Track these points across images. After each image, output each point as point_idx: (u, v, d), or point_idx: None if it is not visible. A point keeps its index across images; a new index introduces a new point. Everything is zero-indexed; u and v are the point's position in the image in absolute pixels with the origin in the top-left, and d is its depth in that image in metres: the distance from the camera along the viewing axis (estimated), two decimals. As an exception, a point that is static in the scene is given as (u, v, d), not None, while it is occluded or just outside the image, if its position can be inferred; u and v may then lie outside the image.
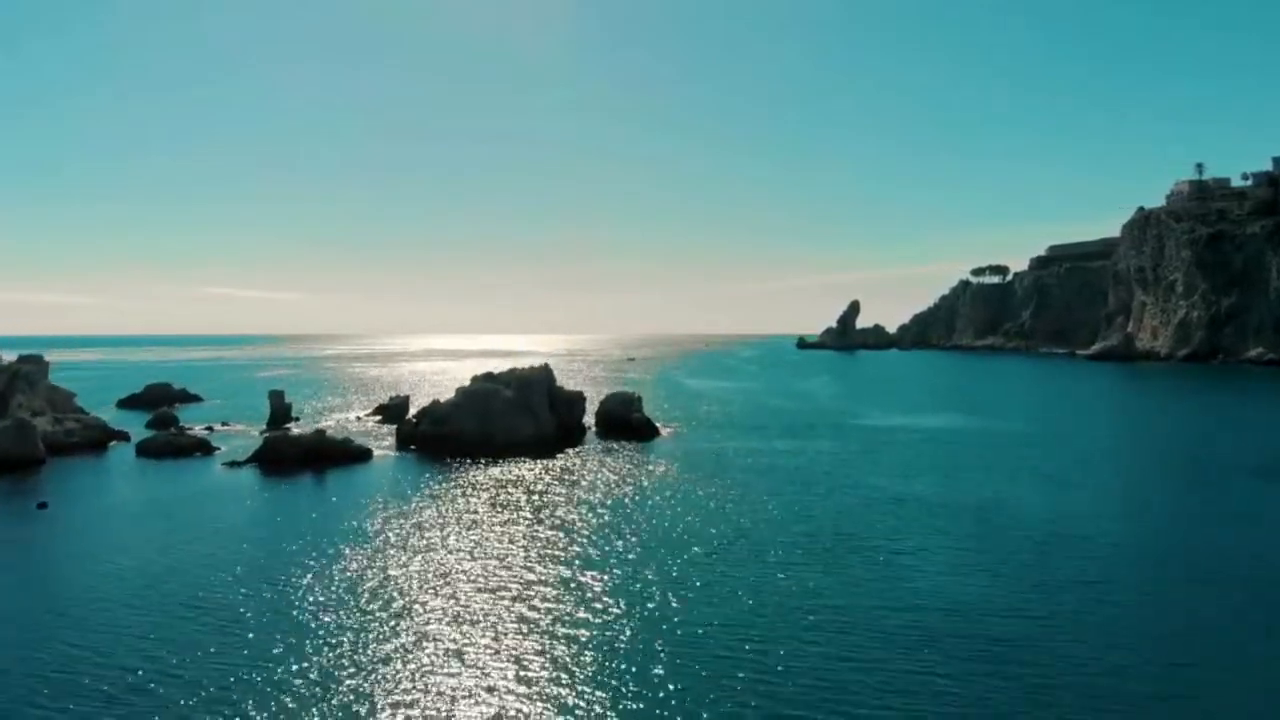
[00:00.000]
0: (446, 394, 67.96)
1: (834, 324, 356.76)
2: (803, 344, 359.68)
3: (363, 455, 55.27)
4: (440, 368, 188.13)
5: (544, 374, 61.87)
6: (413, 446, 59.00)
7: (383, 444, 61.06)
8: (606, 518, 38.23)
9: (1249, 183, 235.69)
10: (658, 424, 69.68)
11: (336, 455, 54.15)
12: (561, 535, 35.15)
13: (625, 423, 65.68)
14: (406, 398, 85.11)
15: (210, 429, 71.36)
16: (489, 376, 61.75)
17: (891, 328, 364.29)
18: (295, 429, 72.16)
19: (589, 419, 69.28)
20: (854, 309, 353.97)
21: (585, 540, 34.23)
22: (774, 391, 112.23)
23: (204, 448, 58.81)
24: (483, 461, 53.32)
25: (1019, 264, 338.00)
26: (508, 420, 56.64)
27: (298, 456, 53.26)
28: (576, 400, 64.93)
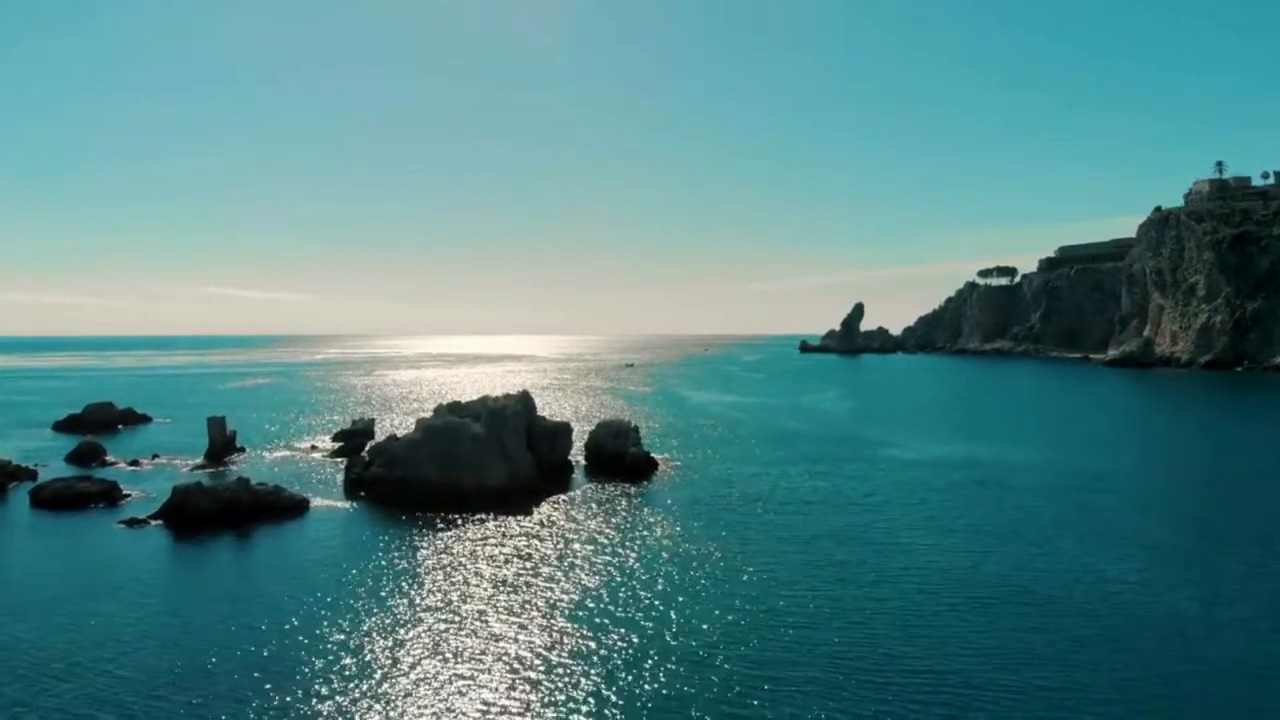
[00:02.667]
0: (420, 416, 58.35)
1: (837, 326, 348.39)
2: (805, 347, 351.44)
3: (296, 508, 45.29)
4: (428, 377, 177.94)
5: (521, 403, 51.83)
6: (362, 494, 49.03)
7: (329, 489, 51.00)
8: (581, 616, 28.28)
9: (1270, 182, 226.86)
10: (656, 455, 59.83)
11: (263, 509, 44.20)
12: (513, 653, 25.18)
13: (618, 459, 55.72)
14: (371, 423, 75.26)
15: (135, 464, 61.33)
16: (454, 407, 51.74)
17: (894, 329, 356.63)
18: (240, 461, 62.36)
19: (577, 453, 59.37)
20: (858, 311, 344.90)
21: (549, 653, 24.33)
22: (783, 409, 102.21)
23: (109, 496, 48.74)
24: (443, 517, 43.32)
25: (1026, 265, 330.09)
26: (476, 462, 46.70)
27: (214, 512, 43.26)
28: (561, 433, 54.82)
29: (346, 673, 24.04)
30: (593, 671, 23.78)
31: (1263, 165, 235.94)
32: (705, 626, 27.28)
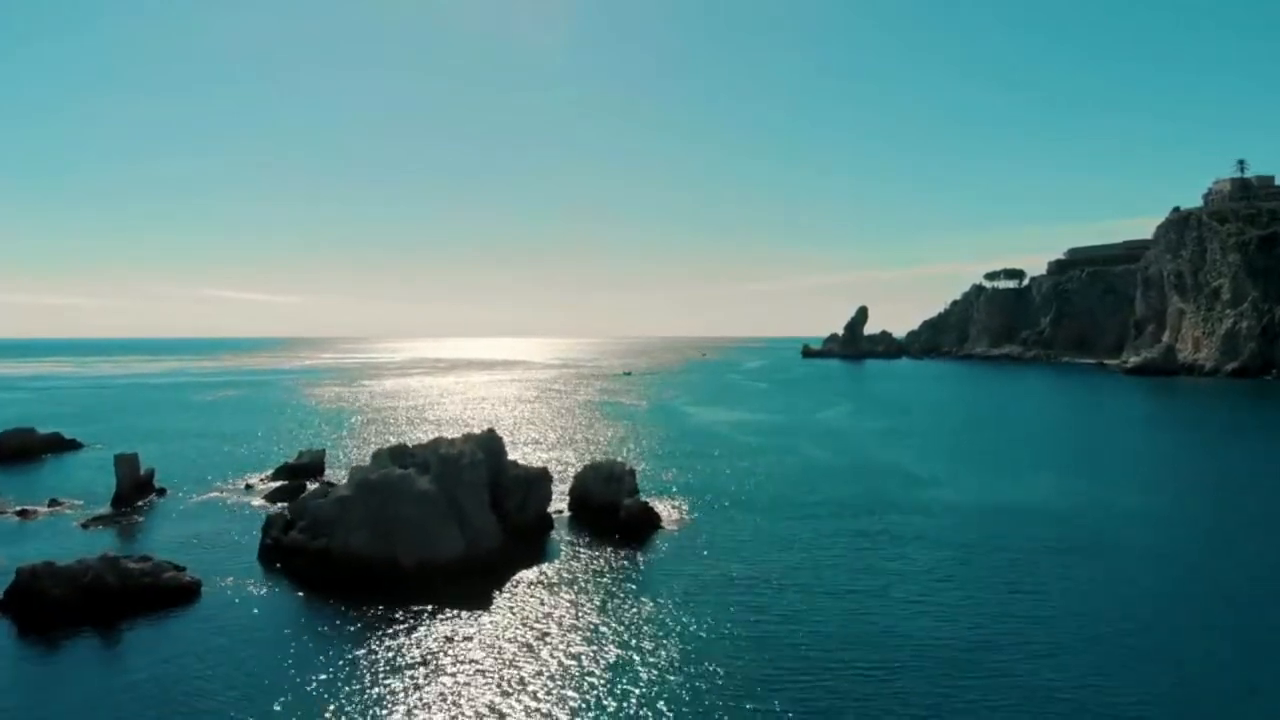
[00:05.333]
0: (400, 432, 47.38)
1: (838, 329, 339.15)
2: (807, 351, 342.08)
3: (183, 592, 34.53)
4: (410, 388, 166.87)
5: (483, 448, 40.89)
6: (279, 565, 38.28)
7: (238, 558, 39.97)
8: None
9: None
10: (657, 502, 49.23)
11: (137, 595, 33.51)
12: None
13: (610, 511, 45.04)
14: (321, 455, 64.51)
15: (24, 513, 50.49)
16: (398, 452, 40.97)
17: (896, 331, 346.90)
18: (150, 508, 51.66)
19: (560, 496, 48.64)
20: (862, 315, 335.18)
21: None
22: (798, 430, 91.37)
23: (-45, 568, 38.05)
24: (372, 609, 32.63)
25: (1031, 266, 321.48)
26: (420, 529, 35.94)
27: (71, 600, 32.60)
28: (535, 482, 43.82)
29: None
30: None
31: (1276, 165, 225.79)
32: None
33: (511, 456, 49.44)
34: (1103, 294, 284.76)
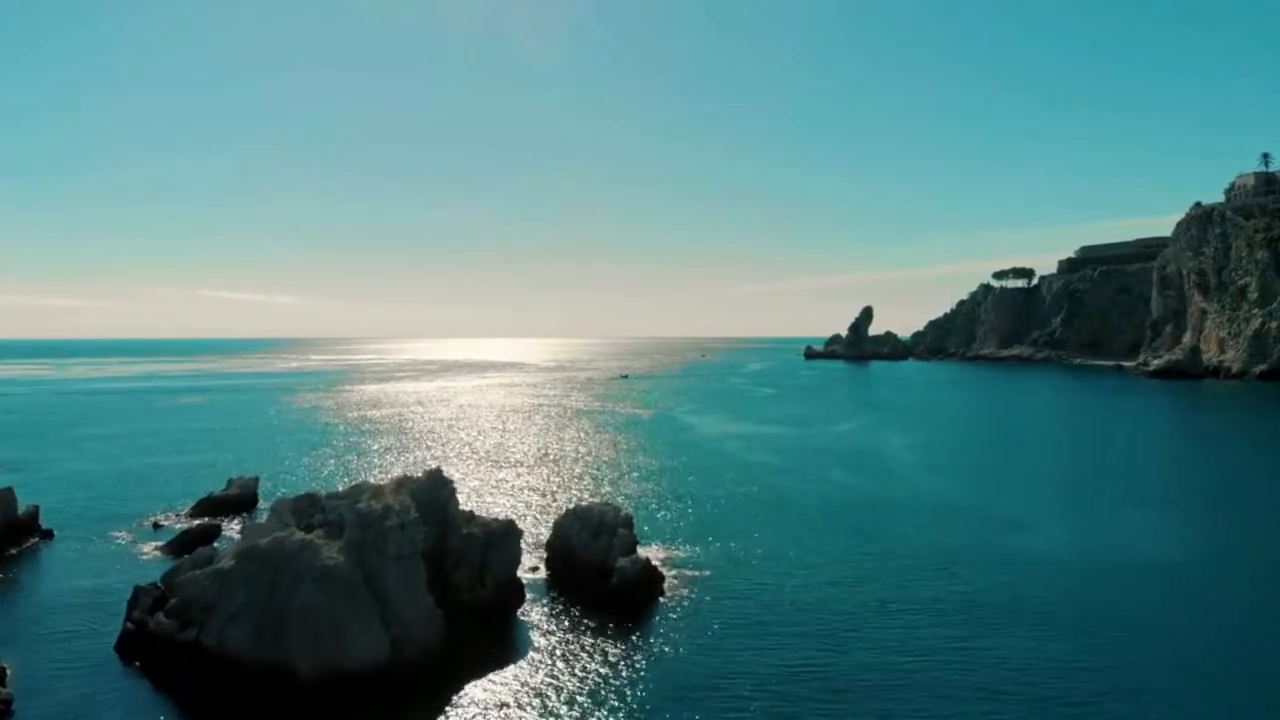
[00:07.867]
0: (353, 456, 36.77)
1: (843, 331, 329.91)
2: (810, 353, 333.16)
3: (-25, 720, 24.05)
4: (390, 394, 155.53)
5: (421, 500, 30.01)
6: (138, 664, 27.64)
7: (88, 648, 29.25)
8: None
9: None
10: (657, 554, 38.90)
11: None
12: None
13: (599, 575, 34.42)
14: (253, 484, 53.82)
15: None
16: (304, 505, 30.32)
17: (900, 332, 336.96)
18: (24, 557, 41.07)
19: (533, 556, 38.13)
20: (867, 316, 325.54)
21: None
22: (817, 447, 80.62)
23: None
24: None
25: (1042, 265, 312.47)
26: (326, 621, 25.36)
27: None
28: (498, 540, 32.79)
29: None
30: None
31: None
32: None
33: (476, 491, 39.16)
34: (1116, 293, 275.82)
